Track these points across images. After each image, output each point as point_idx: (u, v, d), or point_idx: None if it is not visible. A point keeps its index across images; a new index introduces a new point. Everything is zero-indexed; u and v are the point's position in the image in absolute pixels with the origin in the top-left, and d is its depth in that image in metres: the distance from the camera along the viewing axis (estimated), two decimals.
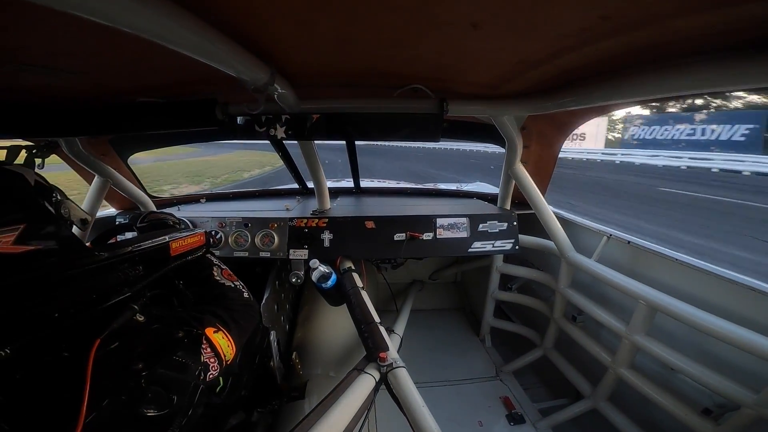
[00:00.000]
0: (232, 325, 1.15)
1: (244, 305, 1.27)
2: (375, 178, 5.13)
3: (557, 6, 0.75)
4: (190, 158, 27.50)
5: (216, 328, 1.11)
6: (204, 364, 1.04)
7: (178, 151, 27.93)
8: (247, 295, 1.32)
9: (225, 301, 1.24)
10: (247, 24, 0.86)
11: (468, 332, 3.29)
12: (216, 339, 1.09)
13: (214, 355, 1.07)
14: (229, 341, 1.12)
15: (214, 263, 1.35)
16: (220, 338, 1.10)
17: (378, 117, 1.58)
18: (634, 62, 1.04)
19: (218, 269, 1.33)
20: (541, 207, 2.23)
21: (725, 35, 0.81)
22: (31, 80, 1.20)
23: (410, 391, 1.25)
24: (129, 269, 0.98)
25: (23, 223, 0.75)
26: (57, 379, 0.76)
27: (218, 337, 1.10)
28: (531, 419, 2.22)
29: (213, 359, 1.07)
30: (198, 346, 1.15)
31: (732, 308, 1.52)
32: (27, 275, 0.72)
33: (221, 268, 1.34)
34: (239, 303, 1.26)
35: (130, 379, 0.88)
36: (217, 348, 1.08)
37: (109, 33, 0.63)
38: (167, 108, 1.45)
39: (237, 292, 1.29)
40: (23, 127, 1.51)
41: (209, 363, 1.06)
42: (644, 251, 1.95)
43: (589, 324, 2.25)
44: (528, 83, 1.38)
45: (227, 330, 1.13)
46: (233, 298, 1.27)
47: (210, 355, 1.06)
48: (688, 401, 1.62)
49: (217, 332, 1.10)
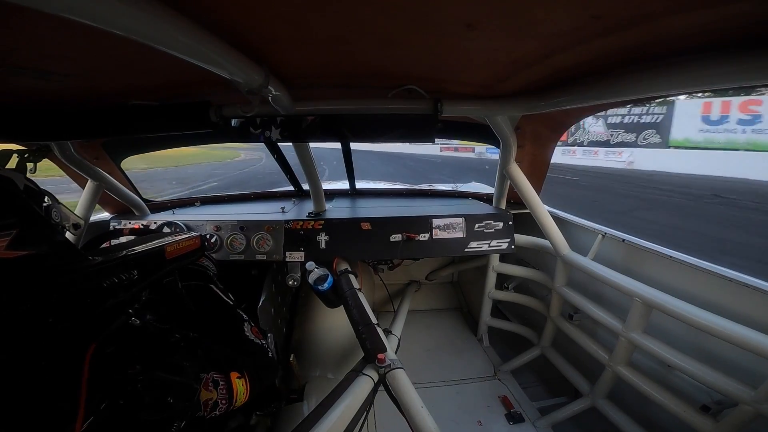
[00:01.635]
0: (254, 377, 1.27)
1: (268, 365, 1.43)
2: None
3: (550, 6, 0.75)
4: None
5: (240, 374, 1.21)
6: (214, 402, 1.11)
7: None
8: (272, 354, 1.48)
9: (252, 357, 1.37)
10: (240, 25, 0.86)
11: (465, 332, 3.29)
12: (236, 383, 1.18)
13: (228, 396, 1.14)
14: (246, 389, 1.21)
15: (245, 319, 1.47)
16: (240, 384, 1.19)
17: (373, 118, 1.58)
18: (627, 61, 1.05)
19: (248, 325, 1.46)
20: (536, 206, 2.24)
21: (716, 33, 0.81)
22: (22, 83, 1.18)
23: (409, 392, 1.25)
24: (123, 273, 0.98)
25: (16, 228, 0.74)
26: (53, 384, 0.75)
27: (239, 383, 1.19)
28: (530, 418, 2.23)
29: (225, 400, 1.13)
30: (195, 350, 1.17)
31: (727, 305, 1.53)
32: (21, 280, 0.72)
33: (251, 325, 1.47)
34: (265, 361, 1.42)
35: (127, 383, 0.88)
36: (233, 391, 1.16)
37: (101, 35, 0.62)
38: (160, 110, 1.44)
39: (263, 351, 1.43)
40: (14, 131, 1.49)
41: (219, 402, 1.12)
42: (639, 249, 1.96)
43: (585, 322, 2.26)
44: (522, 83, 1.38)
45: (248, 380, 1.23)
46: (261, 355, 1.42)
47: (224, 395, 1.13)
48: (686, 398, 1.63)
49: (240, 378, 1.20)
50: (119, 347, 0.91)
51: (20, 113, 1.44)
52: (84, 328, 0.83)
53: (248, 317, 1.52)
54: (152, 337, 1.03)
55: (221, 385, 1.15)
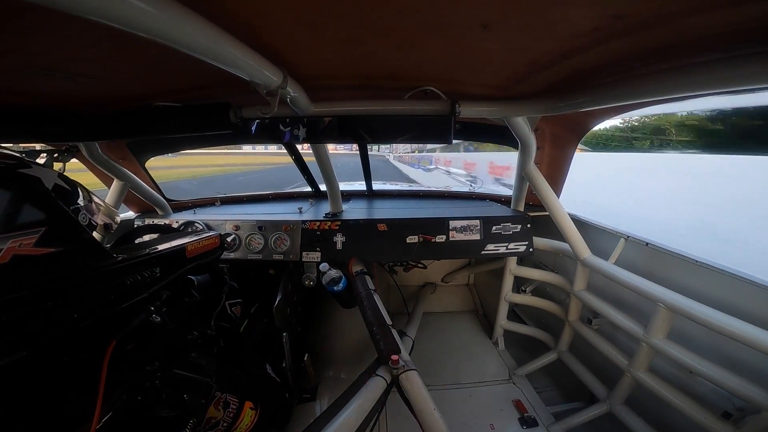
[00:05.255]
0: (266, 413, 1.35)
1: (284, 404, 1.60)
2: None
3: (569, 6, 0.74)
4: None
5: (253, 406, 1.29)
6: (216, 422, 1.16)
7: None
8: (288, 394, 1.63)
9: (270, 392, 1.47)
10: (260, 28, 0.87)
11: (480, 335, 3.26)
12: (246, 412, 1.25)
13: (232, 420, 1.21)
14: (251, 421, 1.27)
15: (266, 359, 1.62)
16: (249, 415, 1.26)
17: (390, 119, 1.58)
18: (648, 62, 1.02)
19: (269, 366, 1.59)
20: (556, 208, 2.20)
21: (741, 33, 0.79)
22: (50, 85, 1.23)
23: (421, 394, 1.25)
24: (146, 271, 1.00)
25: (45, 225, 0.77)
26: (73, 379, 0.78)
27: (248, 413, 1.26)
28: (544, 423, 2.19)
29: (226, 423, 1.19)
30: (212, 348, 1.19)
31: (753, 310, 1.48)
32: (47, 276, 0.74)
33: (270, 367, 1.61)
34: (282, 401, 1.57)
35: (146, 380, 0.90)
36: (240, 417, 1.22)
37: (126, 38, 0.65)
38: (182, 112, 1.48)
39: (280, 388, 1.58)
40: (44, 133, 1.56)
41: (221, 423, 1.19)
42: (662, 253, 1.90)
43: (604, 327, 2.21)
44: (540, 84, 1.36)
45: (258, 414, 1.31)
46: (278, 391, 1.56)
47: (229, 419, 1.20)
48: (707, 404, 1.58)
49: (253, 409, 1.28)
50: (138, 344, 0.93)
51: (50, 115, 1.50)
52: (106, 325, 0.85)
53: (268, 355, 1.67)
54: (171, 335, 1.06)
55: (231, 407, 1.18)
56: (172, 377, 0.97)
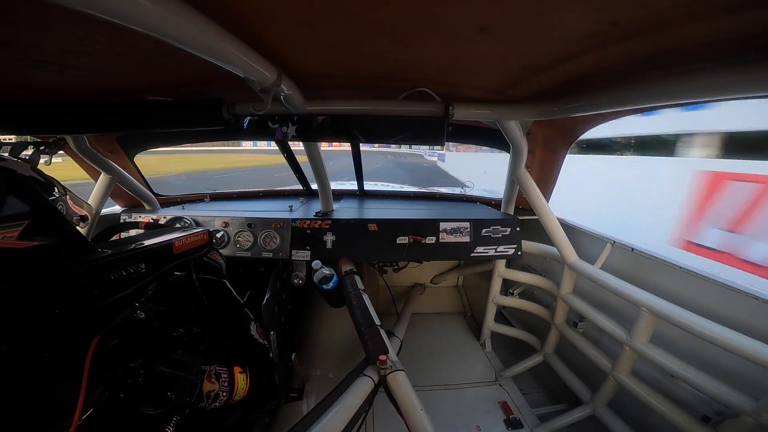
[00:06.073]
0: (254, 375, 1.33)
1: (268, 365, 1.53)
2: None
3: (566, 11, 0.75)
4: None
5: (242, 369, 1.27)
6: (216, 394, 1.15)
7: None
8: (272, 355, 1.58)
9: (255, 356, 1.44)
10: (256, 25, 0.86)
11: (468, 336, 3.28)
12: (238, 377, 1.23)
13: (228, 388, 1.19)
14: (246, 384, 1.26)
15: (251, 318, 1.54)
16: (242, 378, 1.25)
17: (383, 119, 1.58)
18: (643, 68, 1.03)
19: (254, 325, 1.53)
20: (545, 213, 2.22)
21: (736, 41, 0.80)
22: (41, 77, 1.21)
23: (409, 395, 1.25)
24: (131, 266, 0.99)
25: (28, 218, 0.75)
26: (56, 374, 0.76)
27: (240, 377, 1.24)
28: (529, 424, 2.21)
29: (225, 392, 1.18)
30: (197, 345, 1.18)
31: (734, 316, 1.51)
32: (30, 270, 0.73)
33: (256, 325, 1.55)
34: (266, 362, 1.51)
35: (129, 377, 0.88)
36: (234, 384, 1.21)
37: (119, 32, 0.64)
38: (174, 107, 1.46)
39: (265, 351, 1.52)
40: (32, 125, 1.52)
41: (221, 394, 1.17)
42: (647, 258, 1.93)
43: (589, 330, 2.24)
44: (535, 88, 1.38)
45: (249, 376, 1.29)
46: (263, 355, 1.50)
47: (225, 387, 1.18)
48: (687, 408, 1.62)
49: (242, 373, 1.26)
50: (123, 340, 0.92)
51: (38, 107, 1.47)
52: (89, 320, 0.83)
53: (254, 317, 1.55)
54: (156, 331, 1.04)
55: (223, 377, 1.17)
56: (156, 374, 0.95)
